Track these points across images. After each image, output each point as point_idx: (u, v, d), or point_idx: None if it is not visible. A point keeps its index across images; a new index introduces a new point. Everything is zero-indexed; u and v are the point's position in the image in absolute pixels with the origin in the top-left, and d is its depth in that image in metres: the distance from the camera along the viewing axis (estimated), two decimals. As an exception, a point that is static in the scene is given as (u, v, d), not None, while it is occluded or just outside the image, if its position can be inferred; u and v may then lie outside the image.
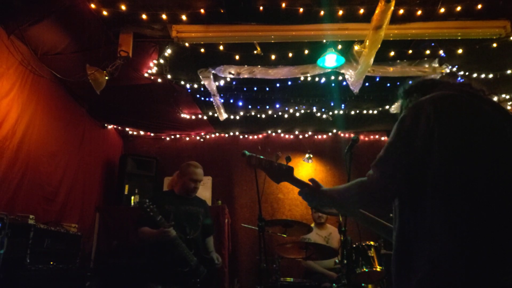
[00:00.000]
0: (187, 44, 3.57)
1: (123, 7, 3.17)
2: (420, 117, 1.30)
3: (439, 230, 1.20)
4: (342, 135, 6.13)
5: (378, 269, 3.42)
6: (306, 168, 5.93)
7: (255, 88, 4.55)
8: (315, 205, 1.63)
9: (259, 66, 3.94)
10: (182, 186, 3.50)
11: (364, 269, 3.42)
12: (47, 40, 3.56)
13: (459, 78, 4.13)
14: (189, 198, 3.54)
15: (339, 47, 3.66)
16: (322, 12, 3.25)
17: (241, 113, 5.34)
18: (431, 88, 1.48)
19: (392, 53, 3.81)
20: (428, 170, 1.25)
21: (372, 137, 6.07)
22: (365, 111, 5.19)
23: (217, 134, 6.23)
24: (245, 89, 4.57)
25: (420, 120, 1.30)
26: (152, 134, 6.20)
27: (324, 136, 6.16)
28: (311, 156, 5.75)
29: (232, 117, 5.36)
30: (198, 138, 6.24)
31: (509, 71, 4.12)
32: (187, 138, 6.25)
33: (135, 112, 5.31)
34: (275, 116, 5.37)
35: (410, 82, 1.64)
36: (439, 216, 1.21)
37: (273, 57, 3.83)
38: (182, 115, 5.33)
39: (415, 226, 1.27)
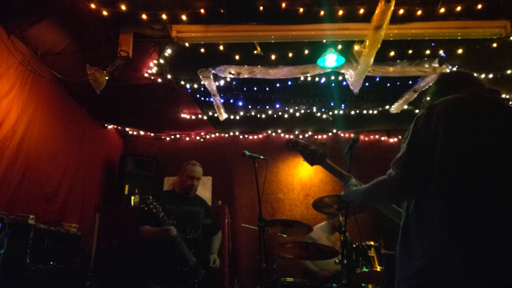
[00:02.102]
0: (187, 44, 3.57)
1: (123, 7, 3.17)
2: (431, 119, 1.37)
3: (437, 226, 1.24)
4: (342, 135, 6.12)
5: (378, 269, 3.41)
6: (306, 168, 5.92)
7: (255, 88, 4.55)
8: (349, 200, 1.92)
9: (259, 66, 3.94)
10: (181, 184, 3.53)
11: (364, 269, 3.41)
12: (47, 40, 3.56)
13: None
14: (189, 197, 3.54)
15: (339, 47, 3.66)
16: (322, 12, 3.24)
17: (241, 113, 5.34)
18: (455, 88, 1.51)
19: (392, 53, 3.81)
20: (432, 167, 1.30)
21: (372, 137, 6.06)
22: (365, 111, 5.18)
23: (217, 134, 6.23)
24: (245, 89, 4.57)
25: (431, 122, 1.36)
26: (152, 134, 6.20)
27: (324, 136, 6.15)
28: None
29: (232, 117, 5.36)
30: (198, 138, 6.24)
31: (509, 71, 4.12)
32: (187, 138, 6.24)
33: (135, 112, 5.31)
34: (275, 116, 5.37)
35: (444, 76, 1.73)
36: (437, 213, 1.26)
37: (273, 57, 3.83)
38: (182, 115, 5.33)
39: (417, 220, 1.33)
